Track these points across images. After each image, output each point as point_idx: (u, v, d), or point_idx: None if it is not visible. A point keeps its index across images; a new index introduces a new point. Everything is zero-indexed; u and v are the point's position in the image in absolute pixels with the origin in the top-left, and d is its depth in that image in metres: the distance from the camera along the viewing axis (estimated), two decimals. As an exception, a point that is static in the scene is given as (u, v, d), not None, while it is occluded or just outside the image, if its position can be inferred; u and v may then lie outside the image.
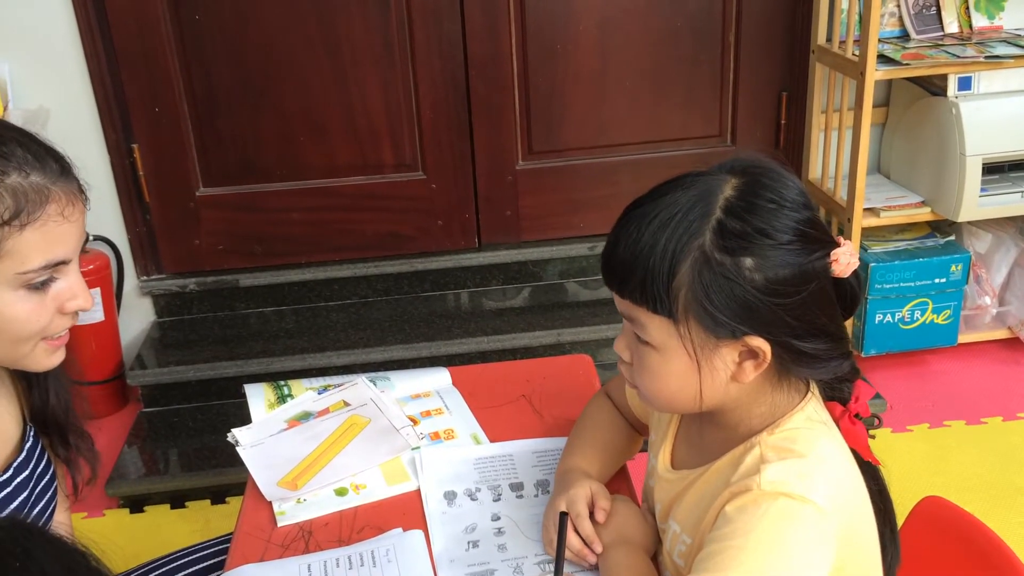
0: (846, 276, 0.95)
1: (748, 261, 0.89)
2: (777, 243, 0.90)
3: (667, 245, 0.90)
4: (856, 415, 1.01)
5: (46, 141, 1.04)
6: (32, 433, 1.20)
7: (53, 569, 0.63)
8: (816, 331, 0.93)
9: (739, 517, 0.91)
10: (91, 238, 1.08)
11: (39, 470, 1.19)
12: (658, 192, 0.95)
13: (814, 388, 1.01)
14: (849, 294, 0.97)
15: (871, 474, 1.02)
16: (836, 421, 1.00)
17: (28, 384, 1.20)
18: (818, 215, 0.96)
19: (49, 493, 1.21)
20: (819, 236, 0.93)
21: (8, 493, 1.13)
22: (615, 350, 1.02)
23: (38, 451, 1.20)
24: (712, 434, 1.03)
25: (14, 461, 1.16)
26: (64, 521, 1.28)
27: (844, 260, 0.94)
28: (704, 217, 0.90)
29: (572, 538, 1.11)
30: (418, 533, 1.20)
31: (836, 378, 1.00)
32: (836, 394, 1.01)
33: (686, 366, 0.94)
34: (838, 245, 0.95)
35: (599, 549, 1.11)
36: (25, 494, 1.16)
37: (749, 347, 0.92)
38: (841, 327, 0.98)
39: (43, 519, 1.19)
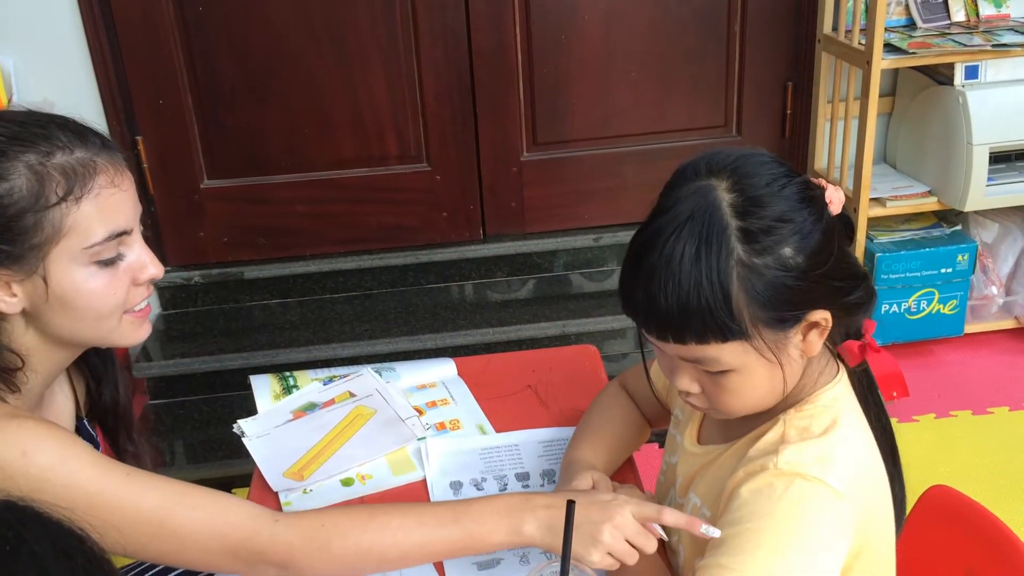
0: (840, 211, 0.97)
1: (786, 250, 0.90)
2: (797, 221, 0.90)
3: (709, 276, 0.88)
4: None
5: (83, 120, 1.07)
6: (79, 430, 1.20)
7: (46, 552, 0.62)
8: (855, 280, 0.95)
9: (755, 499, 0.92)
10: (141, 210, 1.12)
11: None
12: (658, 234, 0.91)
13: (843, 372, 1.01)
14: (847, 224, 0.99)
15: (885, 430, 1.03)
16: (859, 357, 1.00)
17: (97, 381, 1.22)
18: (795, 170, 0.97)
19: None
20: (816, 192, 0.94)
21: None
22: (680, 388, 0.99)
23: None
24: None
25: None
26: None
27: (836, 197, 0.96)
28: (723, 232, 0.89)
29: None
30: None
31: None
32: (851, 334, 1.01)
33: (768, 370, 0.94)
34: (824, 189, 0.96)
35: None
36: None
37: (811, 321, 0.93)
38: (859, 262, 0.99)
39: None
